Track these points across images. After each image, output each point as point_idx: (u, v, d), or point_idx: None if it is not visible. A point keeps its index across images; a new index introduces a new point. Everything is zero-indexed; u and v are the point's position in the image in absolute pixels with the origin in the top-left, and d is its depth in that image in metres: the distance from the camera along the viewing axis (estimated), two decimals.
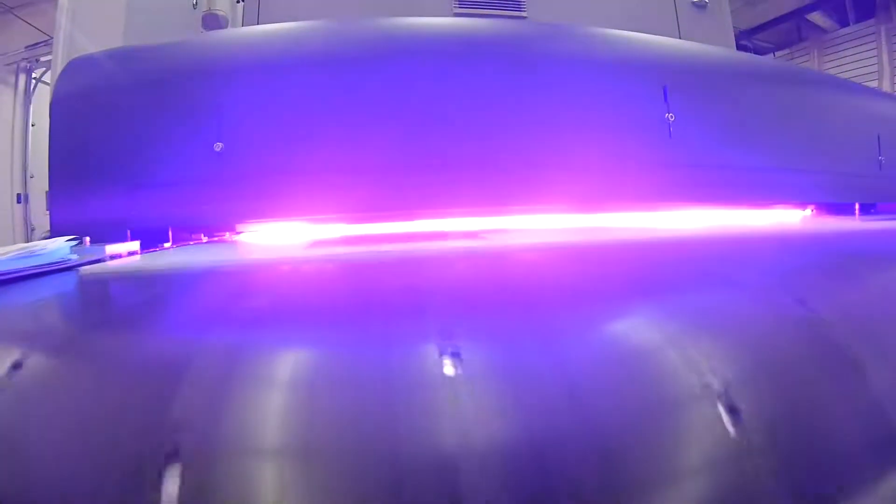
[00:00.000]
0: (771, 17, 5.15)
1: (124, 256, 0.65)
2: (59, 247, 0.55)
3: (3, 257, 0.49)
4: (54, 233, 0.75)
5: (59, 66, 1.35)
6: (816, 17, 5.33)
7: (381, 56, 0.87)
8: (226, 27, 1.73)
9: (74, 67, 0.82)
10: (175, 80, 0.78)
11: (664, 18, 2.37)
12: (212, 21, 1.64)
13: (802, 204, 1.34)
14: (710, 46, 1.51)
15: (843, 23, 5.42)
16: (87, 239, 0.70)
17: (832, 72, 5.56)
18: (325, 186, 0.78)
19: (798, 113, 1.28)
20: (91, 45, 1.26)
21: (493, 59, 0.94)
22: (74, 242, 0.58)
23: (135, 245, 0.70)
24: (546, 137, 0.91)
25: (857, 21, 5.27)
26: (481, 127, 0.88)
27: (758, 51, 6.01)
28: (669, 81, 1.04)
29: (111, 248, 0.66)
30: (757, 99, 1.22)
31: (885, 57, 4.85)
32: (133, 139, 0.75)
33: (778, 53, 6.09)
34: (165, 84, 0.78)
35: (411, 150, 0.83)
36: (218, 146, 0.73)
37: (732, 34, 2.61)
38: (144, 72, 0.80)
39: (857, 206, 1.42)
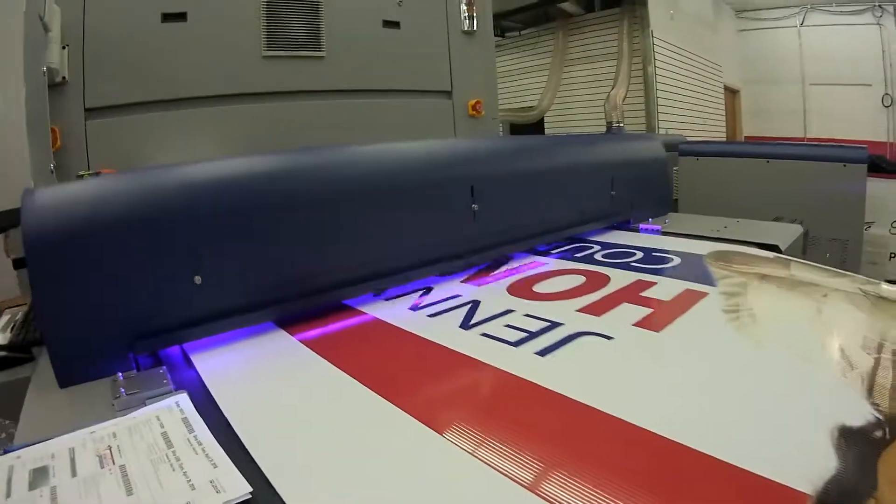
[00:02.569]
0: (522, 4, 6.02)
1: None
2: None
3: None
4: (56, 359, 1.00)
5: None
6: (566, 4, 6.31)
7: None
8: (58, 78, 1.94)
9: (41, 201, 1.02)
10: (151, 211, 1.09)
11: (439, 45, 2.99)
12: (49, 75, 1.84)
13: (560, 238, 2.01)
14: (490, 140, 2.17)
15: (590, 10, 6.49)
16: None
17: (574, 50, 6.69)
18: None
19: (555, 173, 1.94)
20: None
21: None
22: None
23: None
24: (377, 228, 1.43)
25: (603, 9, 6.37)
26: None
27: (507, 29, 6.96)
28: (458, 173, 1.62)
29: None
30: (524, 168, 1.84)
31: (625, 43, 5.97)
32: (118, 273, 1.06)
33: (524, 32, 7.12)
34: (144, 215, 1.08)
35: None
36: (197, 279, 1.12)
37: (494, 53, 3.33)
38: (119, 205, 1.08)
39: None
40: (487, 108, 3.20)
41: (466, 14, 3.09)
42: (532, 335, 1.13)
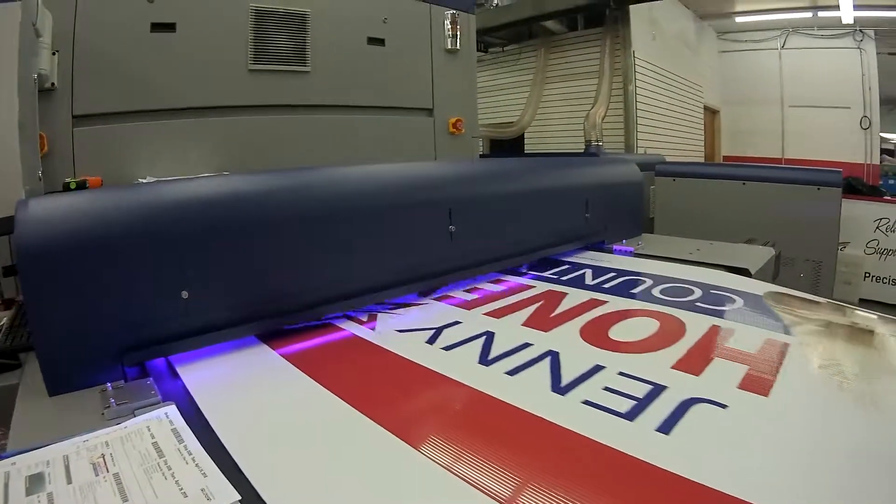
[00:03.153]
0: (506, 21, 6.13)
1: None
2: None
3: None
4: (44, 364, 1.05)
5: None
6: (549, 22, 6.43)
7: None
8: (47, 84, 1.98)
9: (34, 213, 1.06)
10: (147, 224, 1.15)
11: (422, 63, 3.11)
12: (38, 81, 1.88)
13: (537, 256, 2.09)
14: (468, 163, 2.26)
15: (573, 28, 6.62)
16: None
17: (556, 68, 6.83)
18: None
19: (530, 196, 2.03)
20: None
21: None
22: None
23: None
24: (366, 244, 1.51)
25: (586, 28, 6.49)
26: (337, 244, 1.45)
27: (489, 45, 7.09)
28: (436, 196, 1.71)
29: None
30: (500, 191, 1.94)
31: (606, 62, 6.10)
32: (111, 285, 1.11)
33: (507, 48, 7.25)
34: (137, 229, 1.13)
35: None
36: (184, 294, 1.18)
37: (475, 71, 3.42)
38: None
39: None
40: (468, 126, 3.29)
41: (450, 33, 3.17)
42: (640, 403, 1.00)
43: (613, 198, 2.45)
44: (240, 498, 0.73)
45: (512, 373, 1.15)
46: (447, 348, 1.28)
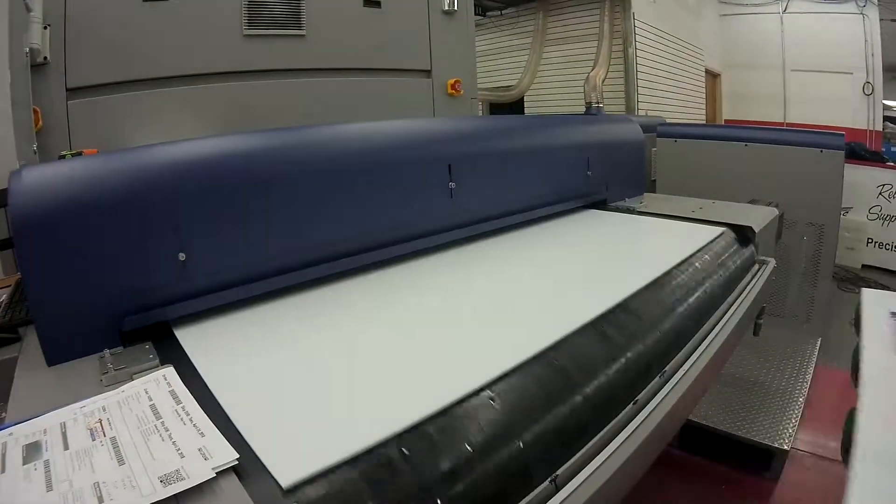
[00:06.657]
0: None
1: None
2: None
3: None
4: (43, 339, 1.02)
5: None
6: None
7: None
8: (39, 59, 1.93)
9: (27, 181, 1.02)
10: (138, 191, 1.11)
11: (419, 24, 3.05)
12: (31, 56, 1.84)
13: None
14: (467, 119, 2.24)
15: None
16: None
17: (554, 30, 6.71)
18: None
19: (531, 153, 1.99)
20: None
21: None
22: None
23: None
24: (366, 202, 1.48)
25: None
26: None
27: (487, 8, 6.99)
28: (435, 152, 1.67)
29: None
30: (500, 148, 1.89)
31: (606, 24, 5.99)
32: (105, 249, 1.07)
33: (505, 11, 7.14)
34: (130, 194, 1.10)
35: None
36: (181, 256, 1.15)
37: (474, 33, 3.36)
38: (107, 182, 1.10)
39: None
40: (466, 87, 3.24)
41: None
42: None
43: (615, 156, 2.41)
44: (237, 457, 0.70)
45: None
46: None
